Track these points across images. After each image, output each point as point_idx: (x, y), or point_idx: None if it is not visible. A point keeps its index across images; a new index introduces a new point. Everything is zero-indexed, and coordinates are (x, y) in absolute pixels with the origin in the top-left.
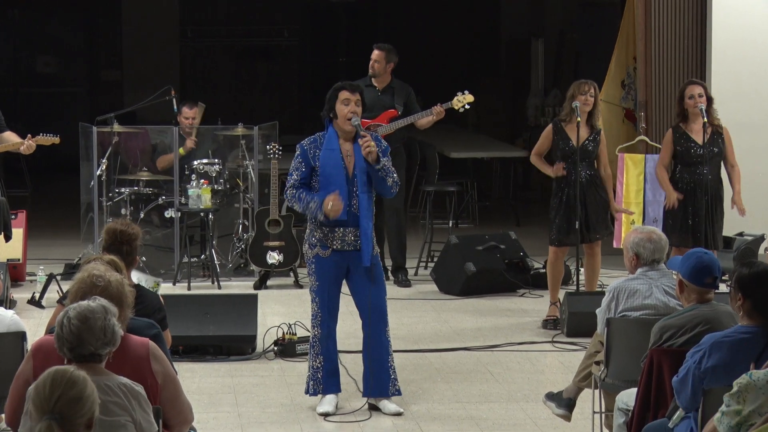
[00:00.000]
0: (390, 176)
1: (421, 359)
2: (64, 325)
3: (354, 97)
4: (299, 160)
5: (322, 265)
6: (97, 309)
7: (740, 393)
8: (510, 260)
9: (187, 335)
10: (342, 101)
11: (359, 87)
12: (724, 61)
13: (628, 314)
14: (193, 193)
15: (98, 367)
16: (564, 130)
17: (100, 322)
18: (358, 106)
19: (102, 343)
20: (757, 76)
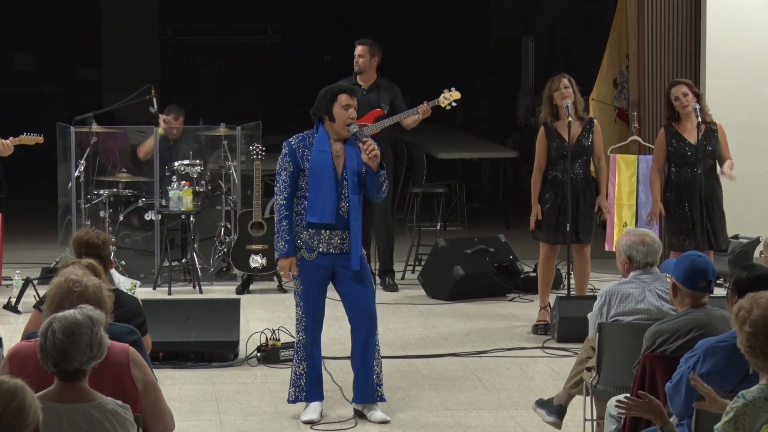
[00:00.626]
0: (386, 180)
1: (408, 365)
2: (48, 338)
3: (353, 101)
4: (287, 159)
5: (307, 269)
6: (83, 323)
7: (737, 418)
8: (499, 264)
9: (167, 341)
10: (342, 105)
11: (358, 91)
12: (719, 59)
13: (620, 319)
14: (173, 194)
15: (83, 388)
16: (555, 130)
17: (86, 337)
18: (355, 111)
19: (88, 358)
20: (752, 75)
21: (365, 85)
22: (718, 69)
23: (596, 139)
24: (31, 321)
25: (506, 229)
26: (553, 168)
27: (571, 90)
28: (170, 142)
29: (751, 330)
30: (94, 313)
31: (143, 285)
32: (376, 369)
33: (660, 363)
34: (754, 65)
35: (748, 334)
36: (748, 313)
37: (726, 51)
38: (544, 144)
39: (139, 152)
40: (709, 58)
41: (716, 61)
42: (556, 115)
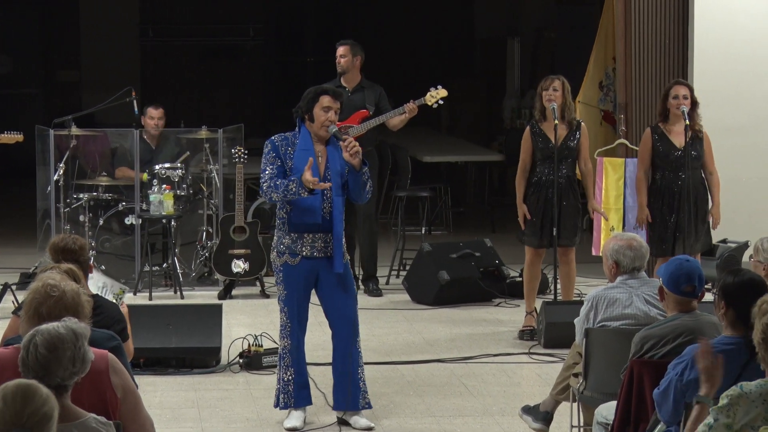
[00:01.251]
0: (369, 180)
1: (392, 372)
2: (30, 351)
3: (335, 105)
4: (272, 154)
5: (290, 274)
6: (66, 337)
7: (731, 406)
8: (485, 268)
9: (148, 347)
10: (323, 107)
11: (342, 96)
12: (707, 61)
13: (607, 324)
14: (154, 198)
15: (65, 405)
16: (542, 130)
17: (69, 351)
18: (337, 114)
19: (70, 373)
20: (741, 77)
21: (350, 87)
22: (707, 71)
23: (583, 141)
24: (10, 327)
25: (492, 234)
26: (538, 170)
27: (560, 93)
28: (150, 146)
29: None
30: (78, 327)
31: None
32: (361, 375)
33: (648, 369)
34: (743, 67)
35: (764, 325)
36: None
37: (715, 53)
38: (529, 144)
39: (116, 173)
40: (697, 60)
41: (705, 63)
42: (544, 114)
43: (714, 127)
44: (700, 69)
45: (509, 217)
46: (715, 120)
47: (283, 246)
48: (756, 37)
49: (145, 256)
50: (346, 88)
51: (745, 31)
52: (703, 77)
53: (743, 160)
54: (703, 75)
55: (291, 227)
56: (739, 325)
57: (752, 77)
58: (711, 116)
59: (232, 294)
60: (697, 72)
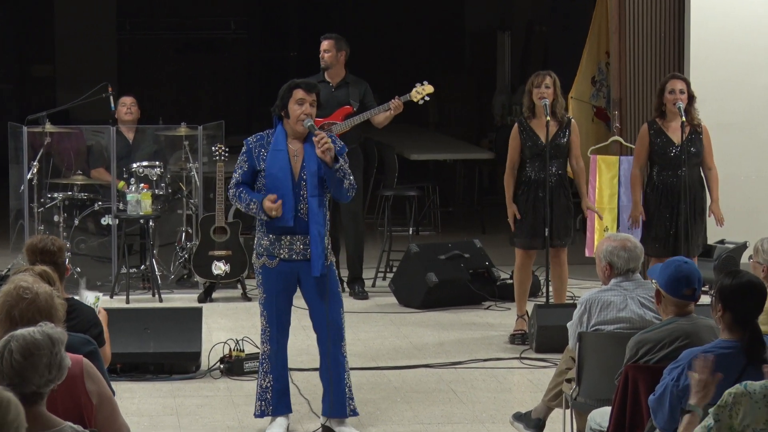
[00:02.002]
0: (347, 178)
1: (379, 377)
2: (5, 358)
3: (309, 97)
4: (243, 157)
5: (269, 276)
6: (42, 343)
7: (733, 405)
8: (475, 270)
9: (125, 352)
10: (296, 101)
11: (316, 87)
12: (704, 55)
13: (601, 328)
14: (132, 198)
15: (40, 413)
16: (530, 128)
17: (45, 358)
18: (313, 107)
19: (46, 380)
20: (739, 70)
21: (333, 82)
22: (704, 66)
23: (573, 138)
24: None
25: (482, 234)
26: (527, 169)
27: (552, 91)
28: (128, 139)
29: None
30: (54, 332)
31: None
32: (347, 381)
33: (643, 374)
34: (741, 60)
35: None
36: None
37: (712, 46)
38: (517, 141)
39: (92, 173)
40: (693, 54)
41: (701, 58)
42: (534, 111)
43: (711, 123)
44: (697, 63)
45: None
46: (713, 115)
47: (262, 248)
48: (754, 29)
49: (122, 258)
50: (330, 84)
51: (743, 23)
52: (700, 71)
53: (741, 156)
54: (699, 69)
55: (269, 229)
56: (737, 329)
57: (750, 70)
58: (708, 111)
59: (212, 297)
60: (694, 66)
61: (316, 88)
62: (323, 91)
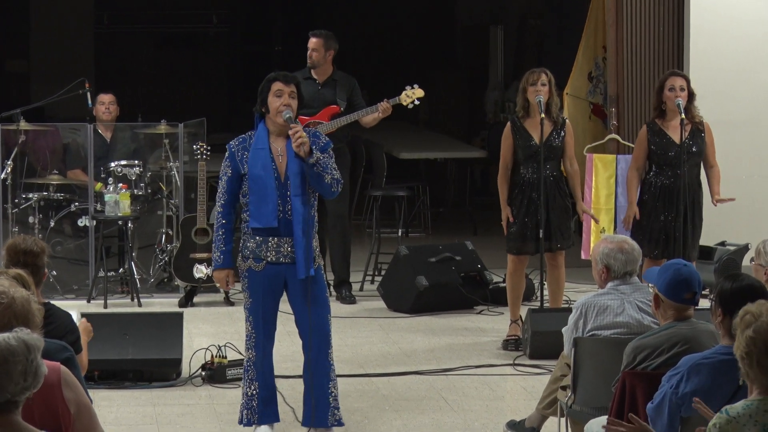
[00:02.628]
0: (328, 173)
1: (367, 385)
2: None
3: (288, 88)
4: (227, 163)
5: (255, 280)
6: (18, 349)
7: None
8: (466, 273)
9: (103, 359)
10: (274, 93)
11: (295, 78)
12: (704, 49)
13: (597, 333)
14: (110, 198)
15: (15, 422)
16: (524, 128)
17: (20, 365)
18: (293, 99)
19: (21, 388)
20: (740, 67)
21: (320, 80)
22: (704, 60)
23: (567, 140)
24: None
25: (474, 236)
26: (521, 170)
27: (548, 89)
28: (106, 138)
29: (752, 335)
30: (30, 339)
31: (77, 297)
32: (332, 390)
33: (641, 381)
34: (743, 56)
35: (749, 338)
36: (755, 317)
37: (712, 40)
38: (510, 141)
39: (69, 174)
40: (693, 48)
41: (701, 52)
42: (528, 111)
43: (711, 120)
44: (697, 57)
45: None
46: (713, 112)
47: (248, 250)
48: (757, 20)
49: (99, 261)
50: (316, 81)
51: (746, 15)
52: (700, 65)
53: (743, 155)
54: (699, 63)
55: (255, 230)
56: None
57: (753, 64)
58: (708, 108)
59: (193, 301)
60: (693, 60)
61: (295, 79)
62: (309, 88)
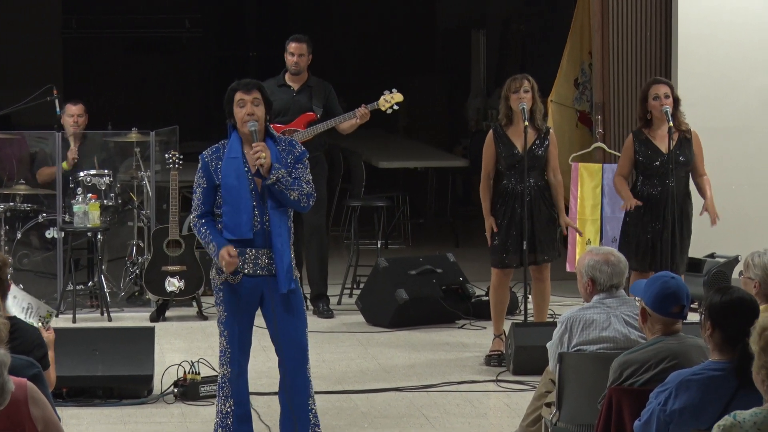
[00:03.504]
0: (294, 189)
1: (345, 402)
2: None
3: (249, 96)
4: (200, 174)
5: (231, 293)
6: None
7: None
8: (448, 286)
9: (72, 375)
10: (237, 103)
11: (255, 84)
12: (692, 54)
13: (583, 348)
14: (78, 209)
15: None
16: (506, 136)
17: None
18: (257, 105)
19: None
20: (729, 73)
21: (295, 86)
22: (692, 66)
23: (551, 150)
24: None
25: (455, 248)
26: (503, 179)
27: (531, 96)
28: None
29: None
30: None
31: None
32: (311, 407)
33: (628, 397)
34: (732, 61)
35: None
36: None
37: (701, 45)
38: (492, 150)
39: (38, 176)
40: (681, 54)
41: (690, 57)
42: (510, 119)
43: (700, 128)
44: (685, 62)
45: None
46: (702, 119)
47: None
48: (747, 25)
49: (68, 274)
50: (291, 88)
51: (735, 19)
52: (688, 71)
53: (732, 165)
54: (687, 69)
55: (231, 243)
56: (727, 349)
57: (743, 70)
58: (697, 115)
59: (165, 316)
60: (682, 66)
61: (256, 84)
62: (284, 96)
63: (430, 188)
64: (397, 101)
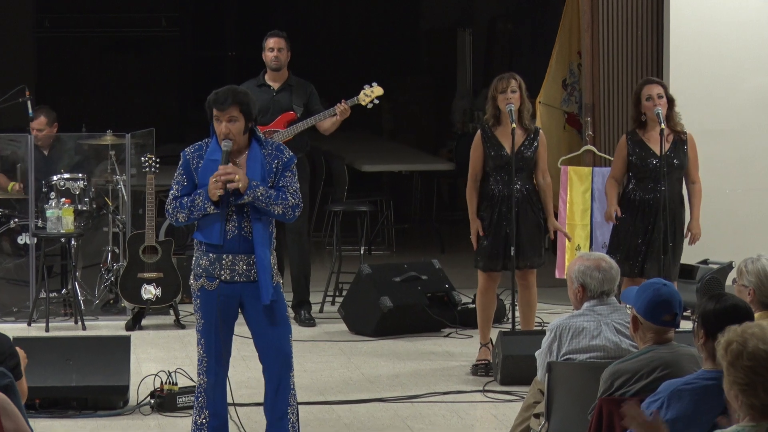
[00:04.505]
0: (276, 204)
1: (327, 413)
2: None
3: (224, 115)
4: (180, 171)
5: (208, 300)
6: None
7: None
8: (433, 293)
9: (45, 386)
10: (214, 118)
11: (230, 99)
12: (684, 55)
13: (572, 357)
14: (52, 214)
15: None
16: (495, 137)
17: None
18: (234, 122)
19: None
20: (723, 74)
21: (275, 86)
22: (685, 66)
23: (541, 151)
24: None
25: (441, 254)
26: (490, 181)
27: (518, 95)
28: (43, 151)
29: (750, 364)
30: None
31: (16, 320)
32: (291, 417)
33: (619, 407)
34: (726, 62)
35: (747, 368)
36: (742, 345)
37: (693, 45)
38: (480, 151)
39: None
40: (673, 54)
41: (682, 58)
42: (498, 119)
43: (693, 132)
44: (677, 63)
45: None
46: (695, 122)
47: (201, 268)
48: (741, 24)
49: (41, 281)
50: (271, 88)
51: (728, 18)
52: (680, 72)
53: (726, 169)
54: (680, 70)
55: (208, 248)
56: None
57: (737, 71)
58: (689, 118)
59: (141, 324)
60: (674, 67)
61: (232, 100)
62: (264, 96)
63: (414, 192)
64: (377, 95)
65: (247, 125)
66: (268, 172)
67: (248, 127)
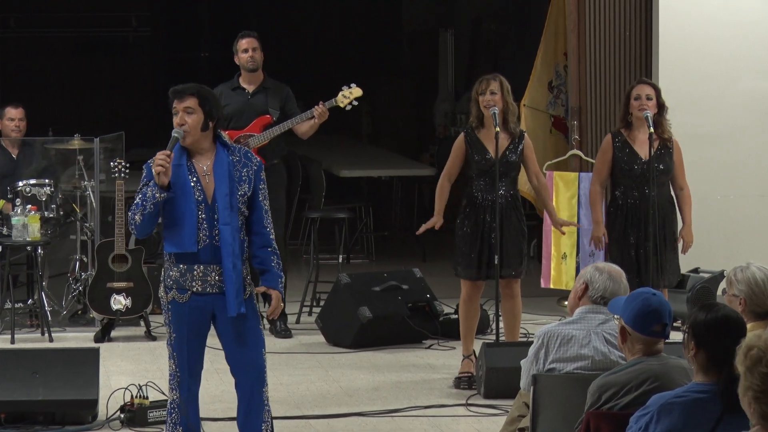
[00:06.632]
0: (280, 277)
1: (304, 428)
2: None
3: (181, 105)
4: (145, 181)
5: (179, 312)
6: None
7: None
8: (414, 304)
9: (10, 400)
10: (173, 112)
11: (190, 90)
12: (674, 57)
13: (558, 366)
14: (17, 221)
15: None
16: (479, 140)
17: None
18: (190, 114)
19: None
20: (713, 76)
21: (250, 88)
22: (674, 69)
23: (528, 154)
24: None
25: (422, 263)
26: (473, 187)
27: (499, 97)
28: (12, 154)
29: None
30: None
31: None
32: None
33: (607, 422)
34: (717, 64)
35: (764, 375)
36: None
37: (683, 47)
38: (461, 152)
39: None
40: (662, 56)
41: (671, 60)
42: (482, 121)
43: (683, 135)
44: (666, 65)
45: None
46: (684, 126)
47: (171, 280)
48: (731, 25)
49: (6, 291)
50: (246, 90)
51: (719, 19)
52: (670, 75)
53: (717, 174)
54: (669, 72)
55: (178, 258)
56: (713, 370)
57: (728, 74)
58: (679, 121)
59: (111, 336)
60: (663, 69)
61: (192, 90)
62: (239, 99)
63: (395, 199)
64: (356, 96)
65: (206, 122)
66: (238, 180)
67: (207, 125)
